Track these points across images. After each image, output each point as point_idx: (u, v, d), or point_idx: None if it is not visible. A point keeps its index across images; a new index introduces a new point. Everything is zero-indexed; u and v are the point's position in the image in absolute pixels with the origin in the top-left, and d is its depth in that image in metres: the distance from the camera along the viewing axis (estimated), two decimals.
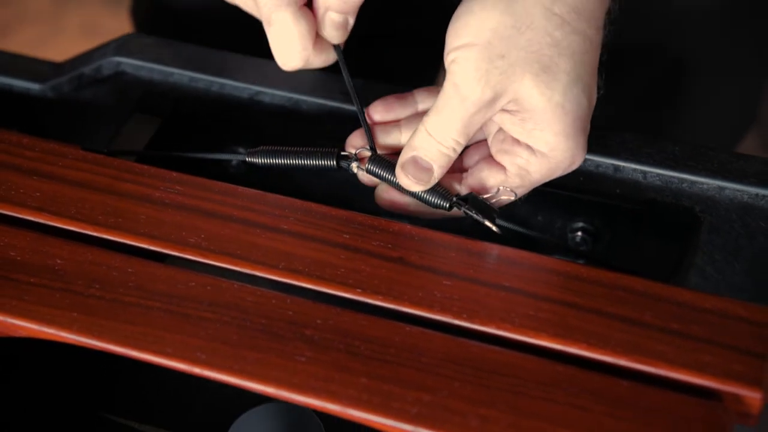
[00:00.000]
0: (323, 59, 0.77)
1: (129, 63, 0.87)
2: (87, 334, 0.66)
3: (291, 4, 0.73)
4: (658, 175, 0.77)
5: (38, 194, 0.74)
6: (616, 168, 0.78)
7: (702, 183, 0.77)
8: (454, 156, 0.72)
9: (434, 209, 0.74)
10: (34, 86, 0.88)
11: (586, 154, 0.73)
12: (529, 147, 0.71)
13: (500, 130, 0.73)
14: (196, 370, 0.64)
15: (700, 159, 0.77)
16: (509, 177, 0.72)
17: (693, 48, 1.00)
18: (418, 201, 0.74)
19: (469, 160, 0.76)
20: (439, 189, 0.73)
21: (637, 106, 0.74)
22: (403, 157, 0.72)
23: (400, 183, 0.73)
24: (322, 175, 0.83)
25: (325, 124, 0.83)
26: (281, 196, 0.74)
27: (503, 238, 0.72)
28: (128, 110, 0.83)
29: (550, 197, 0.79)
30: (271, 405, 0.69)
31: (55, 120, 0.87)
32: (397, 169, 0.73)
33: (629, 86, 0.89)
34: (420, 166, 0.72)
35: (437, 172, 0.72)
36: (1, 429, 0.76)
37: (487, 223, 0.72)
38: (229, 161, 0.85)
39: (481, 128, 0.73)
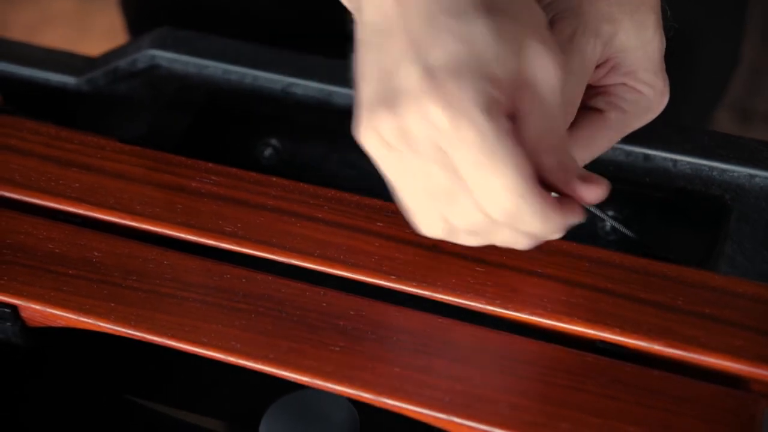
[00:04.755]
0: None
1: (163, 56, 0.87)
2: (124, 324, 0.67)
3: None
4: (688, 163, 0.77)
5: (77, 185, 0.75)
6: (646, 157, 0.78)
7: (732, 171, 0.76)
8: None
9: None
10: (70, 80, 0.89)
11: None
12: (623, 84, 0.69)
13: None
14: (232, 359, 0.65)
15: (730, 147, 0.77)
16: (608, 116, 0.69)
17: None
18: None
19: None
20: None
21: None
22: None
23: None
24: (353, 166, 0.84)
25: None
26: (314, 186, 0.75)
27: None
28: (163, 103, 0.84)
29: None
30: (305, 392, 0.69)
31: (90, 113, 0.88)
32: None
33: None
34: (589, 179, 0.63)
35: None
36: (24, 412, 0.77)
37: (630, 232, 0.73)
38: (261, 153, 0.86)
39: None
